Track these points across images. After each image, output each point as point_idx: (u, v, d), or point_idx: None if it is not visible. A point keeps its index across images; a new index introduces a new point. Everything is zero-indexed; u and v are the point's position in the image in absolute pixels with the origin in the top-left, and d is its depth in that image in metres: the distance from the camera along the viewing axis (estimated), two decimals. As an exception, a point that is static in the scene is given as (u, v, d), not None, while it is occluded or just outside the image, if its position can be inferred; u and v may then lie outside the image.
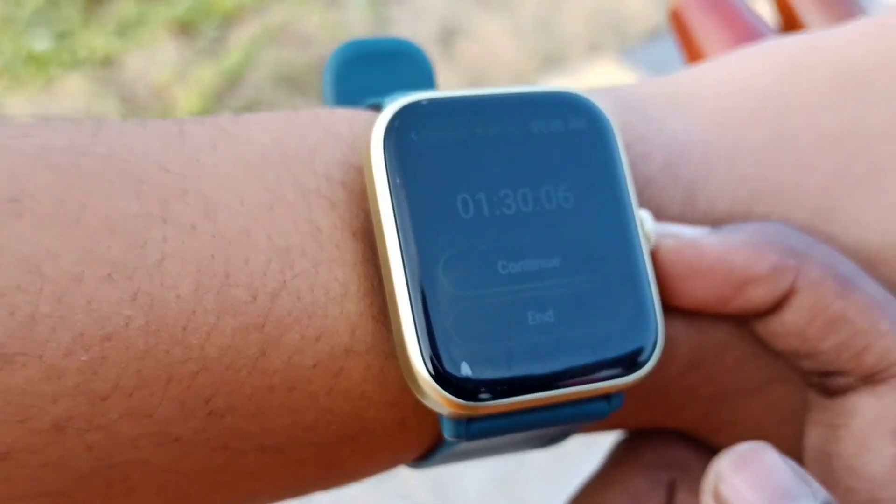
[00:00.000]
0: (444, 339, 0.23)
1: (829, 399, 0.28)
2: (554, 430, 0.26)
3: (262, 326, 0.23)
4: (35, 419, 0.22)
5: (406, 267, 0.23)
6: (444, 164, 0.25)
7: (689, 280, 0.26)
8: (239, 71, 1.94)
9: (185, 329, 0.23)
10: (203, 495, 0.25)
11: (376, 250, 0.25)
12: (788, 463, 0.25)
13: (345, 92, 0.29)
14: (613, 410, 0.26)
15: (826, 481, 0.27)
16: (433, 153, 0.24)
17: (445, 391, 0.23)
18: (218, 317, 0.23)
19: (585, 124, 0.26)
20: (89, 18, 2.04)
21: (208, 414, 0.23)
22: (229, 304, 0.23)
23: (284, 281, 0.23)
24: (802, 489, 0.24)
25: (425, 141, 0.25)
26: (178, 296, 0.23)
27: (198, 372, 0.23)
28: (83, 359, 0.22)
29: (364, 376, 0.24)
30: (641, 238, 0.25)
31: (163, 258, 0.23)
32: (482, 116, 0.25)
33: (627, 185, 0.26)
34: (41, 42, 1.96)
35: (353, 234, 0.24)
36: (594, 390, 0.24)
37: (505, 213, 0.25)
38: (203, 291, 0.23)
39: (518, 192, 0.25)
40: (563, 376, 0.24)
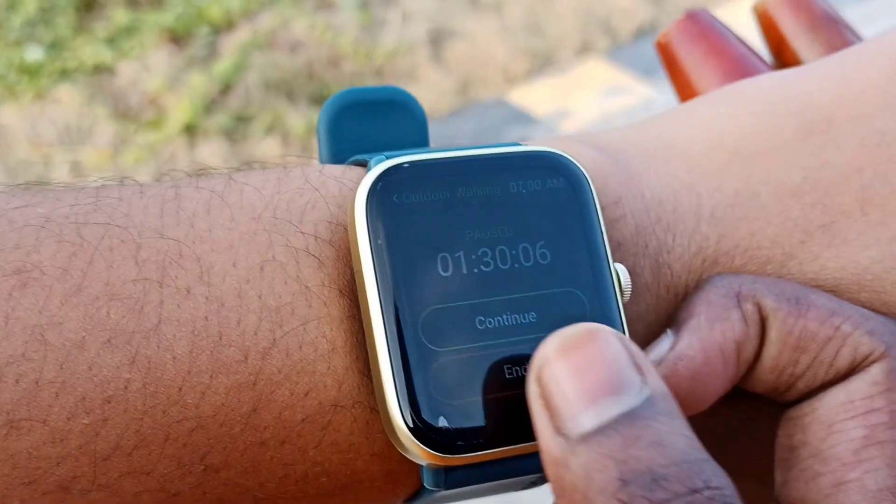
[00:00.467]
0: (422, 394, 0.24)
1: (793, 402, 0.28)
2: (532, 476, 0.27)
3: (254, 384, 0.24)
4: (41, 481, 0.23)
5: (386, 324, 0.25)
6: (424, 223, 0.26)
7: (700, 388, 0.26)
8: (230, 77, 1.95)
9: (180, 389, 0.24)
10: None
11: None
12: (624, 349, 0.23)
13: (337, 144, 0.29)
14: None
15: (793, 473, 0.27)
16: (414, 214, 0.26)
17: (423, 444, 0.24)
18: (212, 376, 0.24)
19: (563, 183, 0.27)
20: (81, 28, 2.04)
21: (204, 469, 0.24)
22: (222, 363, 0.24)
23: (275, 339, 0.25)
24: (630, 381, 0.23)
25: (406, 202, 0.26)
26: (175, 357, 0.24)
27: (193, 430, 0.24)
28: (85, 421, 0.23)
29: (351, 429, 0.25)
30: (617, 291, 0.26)
31: (160, 322, 0.24)
32: (462, 177, 0.26)
33: (604, 240, 0.27)
34: (33, 52, 1.96)
35: (340, 292, 0.25)
36: None
37: (483, 270, 0.26)
38: (197, 352, 0.24)
39: (496, 250, 0.26)
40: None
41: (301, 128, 1.87)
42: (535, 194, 0.27)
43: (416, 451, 0.24)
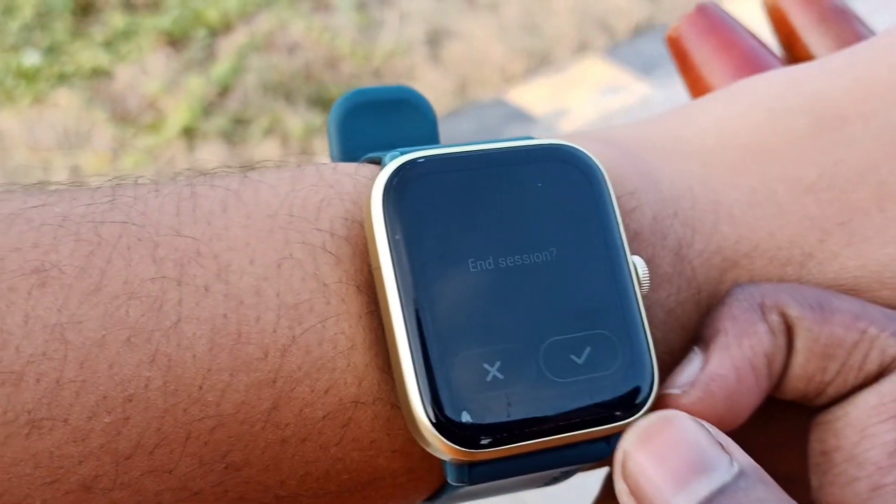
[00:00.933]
0: (444, 389, 0.24)
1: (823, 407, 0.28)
2: (556, 471, 0.27)
3: (274, 382, 0.24)
4: (63, 481, 0.23)
5: (406, 319, 0.24)
6: (441, 219, 0.25)
7: (735, 405, 0.26)
8: (228, 80, 1.95)
9: (201, 387, 0.24)
10: None
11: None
12: (704, 430, 0.24)
13: (348, 143, 0.29)
14: (614, 450, 0.26)
15: (828, 477, 0.27)
16: (431, 209, 0.25)
17: (446, 439, 0.24)
18: (232, 374, 0.24)
19: (578, 175, 0.27)
20: (78, 32, 2.04)
21: (225, 468, 0.24)
22: (242, 361, 0.24)
23: (294, 337, 0.25)
24: (717, 459, 0.23)
25: (423, 197, 0.26)
26: (194, 355, 0.24)
27: (214, 428, 0.24)
28: (107, 420, 0.23)
29: (372, 426, 0.25)
30: (635, 283, 0.26)
31: (179, 320, 0.24)
32: (478, 171, 0.26)
33: (621, 233, 0.27)
34: (30, 57, 1.96)
35: (358, 288, 0.25)
36: (593, 433, 0.25)
37: (501, 265, 0.26)
38: (217, 350, 0.24)
39: (514, 244, 0.26)
40: (561, 421, 0.25)
41: (300, 129, 1.87)
42: (551, 187, 0.27)
43: (440, 446, 0.24)
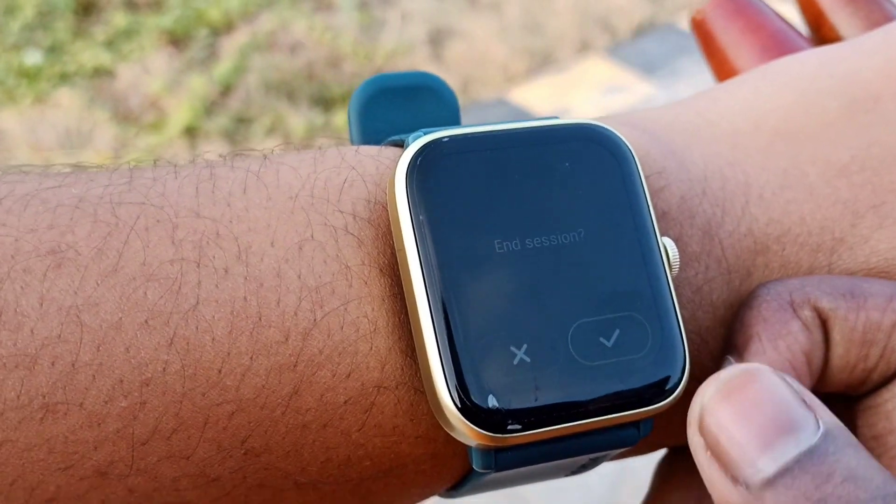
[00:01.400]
0: (470, 373, 0.24)
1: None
2: (584, 458, 0.26)
3: (295, 366, 0.24)
4: (78, 466, 0.23)
5: (431, 302, 0.24)
6: (467, 200, 0.25)
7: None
8: (230, 79, 1.94)
9: (220, 371, 0.23)
10: None
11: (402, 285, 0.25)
12: (788, 387, 0.22)
13: (370, 128, 0.29)
14: (644, 436, 0.26)
15: (884, 461, 0.26)
16: (456, 190, 0.25)
17: (473, 424, 0.23)
18: (252, 358, 0.23)
19: (608, 156, 0.26)
20: (79, 32, 2.03)
21: (244, 454, 0.24)
22: (262, 345, 0.24)
23: (315, 320, 0.24)
24: (803, 419, 0.22)
25: (447, 178, 0.25)
26: (214, 339, 0.23)
27: (234, 413, 0.23)
28: (123, 405, 0.23)
29: (395, 411, 0.25)
30: (666, 266, 0.26)
31: (198, 302, 0.23)
32: (503, 151, 0.26)
33: (651, 214, 0.26)
34: (32, 56, 1.96)
35: (381, 271, 0.25)
36: (623, 418, 0.25)
37: (529, 246, 0.25)
38: (237, 334, 0.23)
39: (541, 225, 0.25)
40: (590, 405, 0.24)
41: (302, 129, 1.87)
42: (579, 167, 0.26)
43: (466, 431, 0.24)
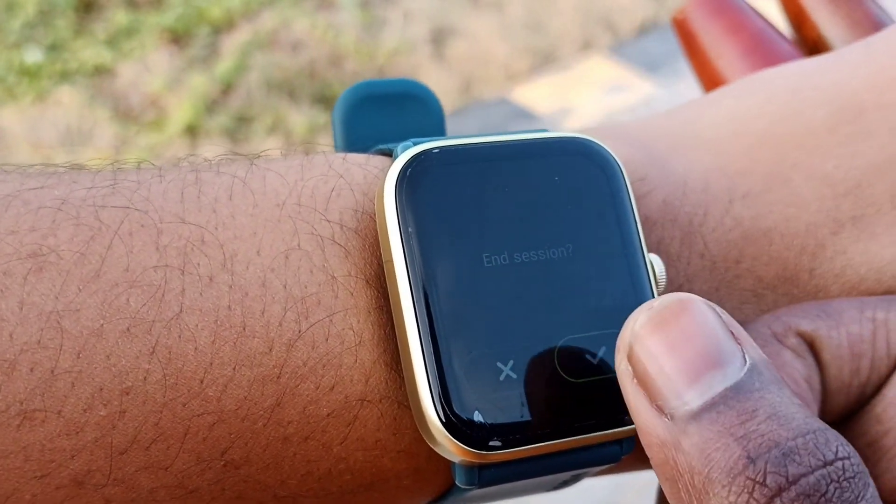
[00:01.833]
0: (455, 387, 0.23)
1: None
2: (567, 475, 0.26)
3: (278, 377, 0.23)
4: (54, 475, 0.22)
5: (417, 315, 0.24)
6: (455, 212, 0.25)
7: None
8: (231, 78, 1.94)
9: (202, 382, 0.23)
10: None
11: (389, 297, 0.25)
12: (718, 318, 0.22)
13: (354, 135, 0.28)
14: (626, 454, 0.26)
15: (883, 463, 0.26)
16: (444, 202, 0.25)
17: (457, 439, 0.23)
18: (235, 368, 0.23)
19: (597, 171, 0.26)
20: (80, 30, 2.03)
21: (224, 465, 0.24)
22: (246, 355, 0.23)
23: (300, 331, 0.24)
24: (731, 353, 0.21)
25: (437, 190, 0.25)
26: (196, 348, 0.23)
27: (214, 424, 0.23)
28: (102, 413, 0.22)
29: (378, 425, 0.24)
30: (652, 282, 0.26)
31: (181, 311, 0.23)
32: (493, 163, 0.25)
33: (639, 230, 0.26)
34: (33, 54, 1.96)
35: (367, 282, 0.25)
36: (607, 436, 0.24)
37: (517, 261, 0.25)
38: (220, 343, 0.23)
39: (531, 239, 0.25)
40: (575, 423, 0.24)
41: (303, 127, 1.87)
42: (568, 181, 0.26)
43: (450, 446, 0.23)
